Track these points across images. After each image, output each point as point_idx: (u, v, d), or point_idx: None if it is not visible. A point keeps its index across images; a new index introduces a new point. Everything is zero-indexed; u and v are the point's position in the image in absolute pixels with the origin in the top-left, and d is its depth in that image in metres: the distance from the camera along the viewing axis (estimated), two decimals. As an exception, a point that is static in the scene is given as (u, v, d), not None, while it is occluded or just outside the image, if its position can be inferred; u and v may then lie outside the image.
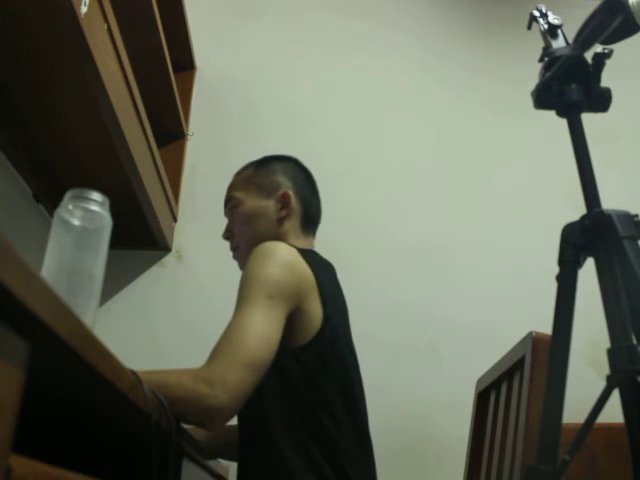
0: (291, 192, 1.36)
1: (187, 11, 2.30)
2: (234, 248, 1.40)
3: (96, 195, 0.88)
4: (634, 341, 0.84)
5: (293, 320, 1.14)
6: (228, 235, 1.41)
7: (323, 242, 1.58)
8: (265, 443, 1.16)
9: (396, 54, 2.63)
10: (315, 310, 1.18)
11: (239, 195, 1.38)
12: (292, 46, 2.60)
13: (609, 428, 1.17)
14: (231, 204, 1.40)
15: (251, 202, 1.36)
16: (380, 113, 2.54)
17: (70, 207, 0.86)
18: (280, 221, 1.35)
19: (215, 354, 1.04)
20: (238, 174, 1.44)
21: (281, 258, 1.17)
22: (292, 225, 1.35)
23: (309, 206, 1.39)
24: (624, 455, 0.82)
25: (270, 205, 1.35)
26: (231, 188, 1.42)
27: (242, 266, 1.39)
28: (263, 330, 1.07)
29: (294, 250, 1.22)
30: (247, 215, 1.36)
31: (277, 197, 1.36)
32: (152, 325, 2.17)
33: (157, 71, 2.00)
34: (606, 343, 0.86)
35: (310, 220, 1.40)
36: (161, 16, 1.86)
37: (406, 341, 2.23)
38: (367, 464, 1.25)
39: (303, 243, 1.34)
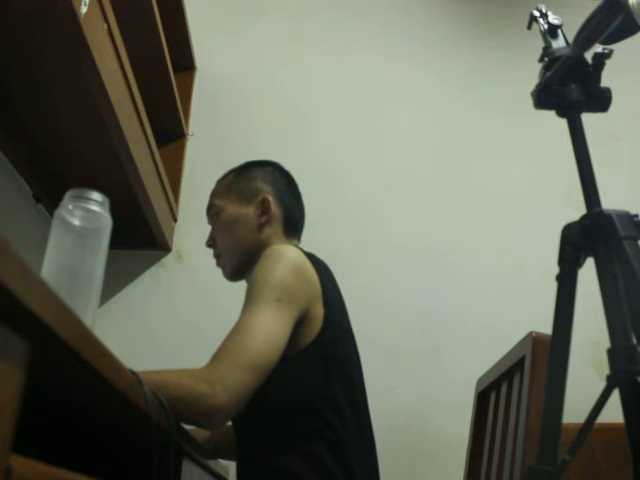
0: (271, 197, 1.36)
1: (187, 11, 2.30)
2: (217, 256, 1.40)
3: (96, 195, 0.87)
4: (634, 341, 0.84)
5: (297, 323, 1.14)
6: (211, 243, 1.40)
7: (321, 244, 1.58)
8: (267, 445, 1.16)
9: (396, 55, 2.63)
10: (318, 313, 1.18)
11: (220, 202, 1.38)
12: (292, 46, 2.60)
13: (609, 428, 1.17)
14: (212, 212, 1.39)
15: (231, 209, 1.36)
16: (379, 114, 2.54)
17: (70, 207, 0.86)
18: (261, 227, 1.34)
19: (218, 354, 1.04)
20: (219, 181, 1.43)
21: (291, 262, 1.17)
22: (274, 230, 1.35)
23: (291, 211, 1.38)
24: (624, 455, 0.82)
25: (250, 211, 1.35)
26: (212, 195, 1.42)
27: (226, 274, 1.40)
28: (269, 332, 1.07)
29: (302, 254, 1.22)
30: (228, 222, 1.36)
31: (257, 203, 1.35)
32: (152, 325, 2.17)
33: (157, 71, 2.00)
34: (606, 343, 0.86)
35: (292, 225, 1.39)
36: (161, 16, 1.86)
37: (406, 341, 2.23)
38: (372, 465, 1.25)
39: None
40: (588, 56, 1.02)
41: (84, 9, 1.15)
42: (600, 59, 1.00)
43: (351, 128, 2.50)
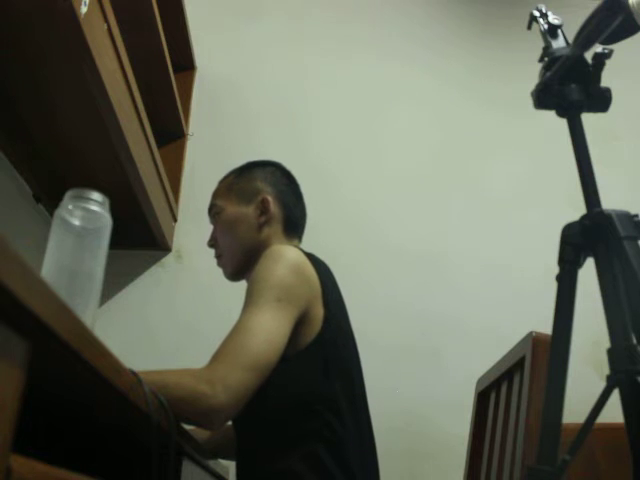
0: (271, 197, 1.36)
1: (187, 11, 2.30)
2: (217, 256, 1.41)
3: (96, 195, 0.87)
4: (634, 341, 0.84)
5: (297, 323, 1.14)
6: (212, 243, 1.41)
7: (321, 244, 1.58)
8: (267, 446, 1.16)
9: (395, 55, 2.62)
10: (318, 313, 1.18)
11: (221, 203, 1.39)
12: (292, 47, 2.60)
13: (609, 428, 1.17)
14: (214, 211, 1.40)
15: (232, 209, 1.37)
16: (379, 113, 2.54)
17: (70, 207, 0.86)
18: (260, 227, 1.34)
19: (218, 354, 1.04)
20: (221, 181, 1.44)
21: (290, 262, 1.17)
22: (273, 230, 1.35)
23: (291, 211, 1.39)
24: (624, 455, 0.82)
25: (250, 211, 1.35)
26: (214, 196, 1.43)
27: (227, 274, 1.40)
28: (269, 332, 1.07)
29: (302, 254, 1.22)
30: (228, 222, 1.37)
31: (257, 203, 1.36)
32: (152, 325, 2.17)
33: (157, 71, 2.00)
34: (606, 343, 0.86)
35: (293, 225, 1.39)
36: (161, 16, 1.86)
37: (406, 342, 2.23)
38: (372, 465, 1.25)
39: None
40: (588, 56, 1.02)
41: (84, 9, 1.15)
42: (600, 59, 1.00)
43: (351, 128, 2.50)
